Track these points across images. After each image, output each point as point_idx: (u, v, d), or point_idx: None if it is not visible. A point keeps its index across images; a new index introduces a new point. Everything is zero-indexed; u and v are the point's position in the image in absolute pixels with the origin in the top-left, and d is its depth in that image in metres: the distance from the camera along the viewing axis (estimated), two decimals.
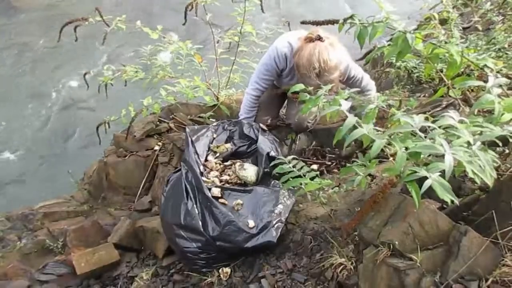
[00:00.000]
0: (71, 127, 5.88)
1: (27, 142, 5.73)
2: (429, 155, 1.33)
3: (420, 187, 1.24)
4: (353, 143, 1.81)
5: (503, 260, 1.39)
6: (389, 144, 1.34)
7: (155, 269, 2.29)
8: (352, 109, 1.60)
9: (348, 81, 2.52)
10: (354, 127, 1.39)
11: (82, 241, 2.61)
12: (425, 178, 1.23)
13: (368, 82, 2.63)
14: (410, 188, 1.30)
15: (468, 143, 1.26)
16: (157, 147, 3.06)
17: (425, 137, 1.30)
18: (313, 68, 2.22)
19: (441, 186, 1.21)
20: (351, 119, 1.42)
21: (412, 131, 1.34)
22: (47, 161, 5.45)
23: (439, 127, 1.32)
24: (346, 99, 1.64)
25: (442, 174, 1.22)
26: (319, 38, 2.24)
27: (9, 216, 2.99)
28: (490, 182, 1.22)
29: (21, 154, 5.55)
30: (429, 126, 1.35)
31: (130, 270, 2.39)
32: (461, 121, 1.35)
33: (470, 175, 1.19)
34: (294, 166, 1.90)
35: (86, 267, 2.35)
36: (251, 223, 2.03)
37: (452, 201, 1.22)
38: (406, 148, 1.30)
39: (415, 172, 1.26)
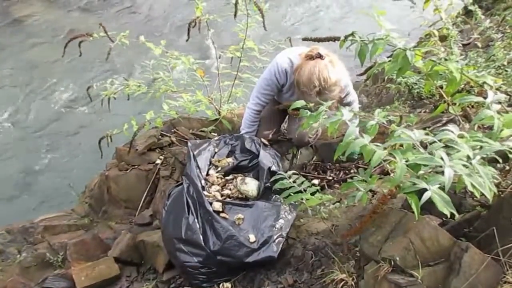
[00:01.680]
0: (73, 140, 5.90)
1: (28, 154, 5.74)
2: (430, 170, 1.34)
3: (420, 200, 1.25)
4: None
5: (504, 277, 1.38)
6: (390, 156, 1.35)
7: (155, 283, 2.28)
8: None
9: (343, 98, 2.58)
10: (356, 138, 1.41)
11: (82, 255, 2.60)
12: (425, 191, 1.24)
13: (355, 97, 2.72)
14: (410, 200, 1.31)
15: (468, 157, 1.27)
16: (159, 161, 3.07)
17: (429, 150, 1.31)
18: (313, 86, 2.24)
19: (441, 198, 1.22)
20: (352, 129, 1.44)
21: (413, 145, 1.35)
22: (48, 174, 5.45)
23: (439, 141, 1.33)
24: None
25: (442, 188, 1.22)
26: (319, 56, 2.26)
27: (10, 229, 2.98)
28: (490, 196, 1.22)
29: (22, 166, 5.56)
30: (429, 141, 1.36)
31: (130, 284, 2.38)
32: (461, 136, 1.36)
33: (470, 188, 1.20)
34: (295, 181, 1.90)
35: (86, 281, 2.33)
36: (252, 238, 2.03)
37: (452, 215, 1.22)
38: (406, 160, 1.30)
39: (415, 184, 1.27)
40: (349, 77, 2.56)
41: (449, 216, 1.22)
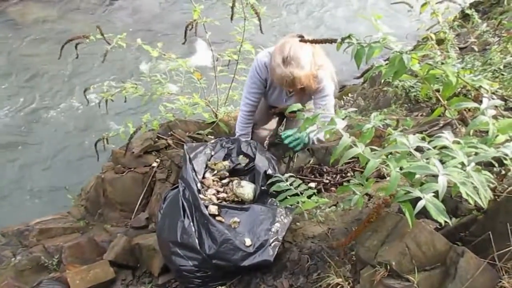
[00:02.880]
0: (69, 143, 5.88)
1: (23, 156, 5.72)
2: (424, 177, 1.33)
3: (415, 207, 1.24)
4: None
5: (500, 281, 1.38)
6: (384, 164, 1.35)
7: (150, 287, 2.27)
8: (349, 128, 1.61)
9: (318, 97, 2.50)
10: (350, 146, 1.40)
11: (77, 258, 2.59)
12: (418, 199, 1.23)
13: (331, 104, 2.56)
14: (404, 208, 1.31)
15: (462, 164, 1.26)
16: (155, 164, 3.06)
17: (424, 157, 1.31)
18: (283, 54, 2.21)
19: (435, 206, 1.21)
20: (346, 139, 1.43)
21: (409, 150, 1.34)
22: (44, 176, 5.43)
23: (434, 147, 1.33)
24: (342, 119, 1.66)
25: (437, 194, 1.22)
26: (301, 36, 2.25)
27: (5, 232, 2.97)
28: (484, 204, 1.22)
29: (18, 169, 5.54)
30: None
31: None
32: (456, 142, 1.35)
33: (464, 196, 1.19)
34: (291, 184, 1.89)
35: (81, 284, 2.32)
36: (248, 242, 2.02)
37: (446, 222, 1.22)
38: (401, 168, 1.30)
39: (409, 192, 1.26)
40: (332, 85, 2.49)
41: (443, 223, 1.21)
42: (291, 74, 2.20)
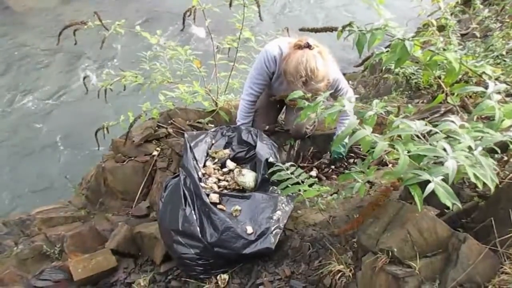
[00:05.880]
0: (70, 132, 5.86)
1: (24, 146, 5.71)
2: (427, 162, 1.33)
3: (421, 191, 1.24)
4: None
5: (502, 267, 1.38)
6: (390, 147, 1.34)
7: (152, 275, 2.28)
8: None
9: (335, 93, 2.53)
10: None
11: (79, 246, 2.59)
12: (426, 183, 1.22)
13: (351, 93, 2.63)
14: (413, 191, 1.30)
15: (470, 147, 1.25)
16: (155, 153, 3.05)
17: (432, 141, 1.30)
18: (300, 76, 2.21)
19: (444, 190, 1.21)
20: (354, 120, 1.42)
21: (412, 136, 1.34)
22: (45, 166, 5.43)
23: (441, 131, 1.32)
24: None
25: (444, 179, 1.21)
26: (308, 46, 2.24)
27: (6, 221, 2.97)
28: (492, 187, 1.21)
29: (19, 158, 5.53)
30: (428, 133, 1.35)
31: (128, 276, 2.37)
32: (462, 126, 1.34)
33: (473, 179, 1.18)
34: (292, 173, 1.89)
35: (83, 273, 2.33)
36: (250, 229, 2.02)
37: (453, 205, 1.21)
38: (408, 152, 1.29)
39: (418, 175, 1.25)
40: (340, 73, 2.52)
41: (452, 207, 1.21)
42: (313, 91, 2.21)
